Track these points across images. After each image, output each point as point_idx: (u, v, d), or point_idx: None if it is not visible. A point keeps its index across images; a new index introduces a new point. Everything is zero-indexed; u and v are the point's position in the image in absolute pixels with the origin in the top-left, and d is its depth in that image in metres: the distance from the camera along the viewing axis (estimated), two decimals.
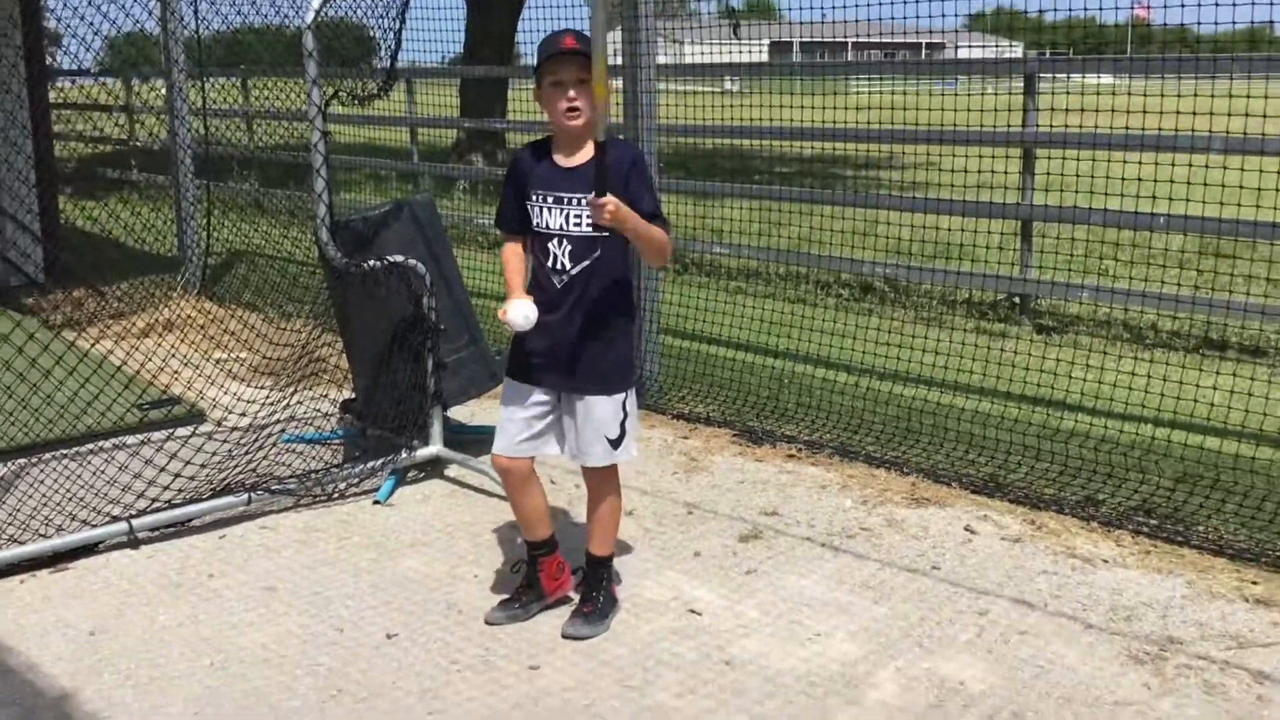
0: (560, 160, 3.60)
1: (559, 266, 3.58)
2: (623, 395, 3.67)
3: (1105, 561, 4.19)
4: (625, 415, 3.67)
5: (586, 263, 3.56)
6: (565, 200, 3.55)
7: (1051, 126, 7.44)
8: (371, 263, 5.06)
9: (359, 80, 5.29)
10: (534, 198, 3.60)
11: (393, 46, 5.15)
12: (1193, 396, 5.31)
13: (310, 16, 4.81)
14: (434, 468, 5.26)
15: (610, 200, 3.34)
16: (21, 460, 5.12)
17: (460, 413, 5.73)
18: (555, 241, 3.58)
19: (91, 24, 6.99)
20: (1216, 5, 5.27)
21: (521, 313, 3.51)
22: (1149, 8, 6.03)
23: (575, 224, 3.55)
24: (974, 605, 3.87)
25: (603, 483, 3.75)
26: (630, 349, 3.74)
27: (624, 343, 3.69)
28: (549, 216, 3.57)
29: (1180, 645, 3.59)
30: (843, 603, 3.90)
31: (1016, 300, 7.94)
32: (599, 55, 3.27)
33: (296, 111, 6.21)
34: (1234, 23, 5.42)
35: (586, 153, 3.54)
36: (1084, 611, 3.81)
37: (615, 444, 3.66)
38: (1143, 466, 4.91)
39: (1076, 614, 3.80)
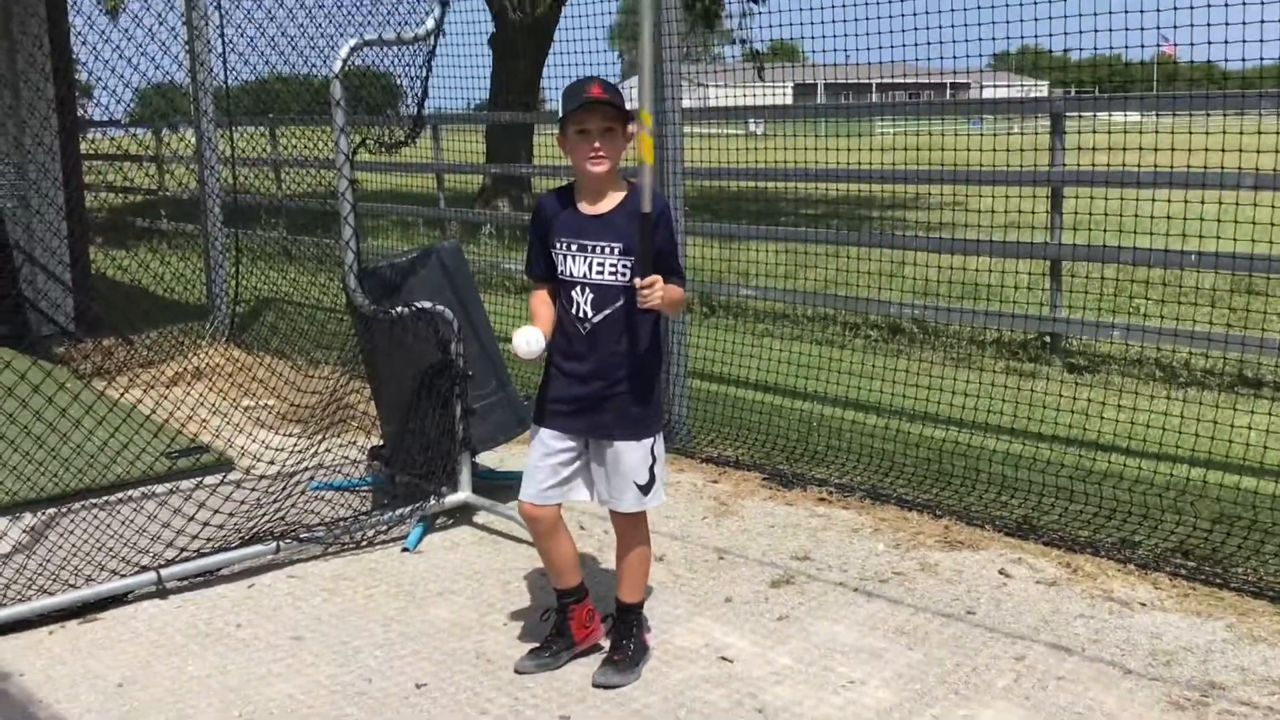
0: (584, 207, 3.60)
1: (582, 314, 3.57)
2: (651, 440, 3.64)
3: (1143, 605, 4.11)
4: (654, 460, 3.64)
5: (609, 311, 3.56)
6: (589, 248, 3.55)
7: (1079, 165, 7.41)
8: (399, 309, 5.06)
9: (386, 128, 5.32)
10: (558, 245, 3.60)
11: (419, 94, 5.18)
12: (1228, 436, 5.24)
13: (338, 66, 4.84)
14: (462, 514, 5.24)
15: (657, 285, 3.37)
16: (51, 510, 5.13)
17: (489, 458, 5.71)
18: (579, 289, 3.57)
19: (122, 76, 7.09)
20: (1244, 42, 5.25)
21: (524, 337, 3.49)
22: (1175, 45, 6.00)
23: (598, 272, 3.55)
24: (1010, 650, 3.81)
25: (632, 529, 3.72)
26: (658, 394, 3.72)
27: (651, 388, 3.67)
28: (573, 264, 3.57)
29: (1222, 691, 3.51)
30: (876, 649, 3.84)
31: (1047, 340, 7.87)
32: (647, 84, 3.31)
33: (324, 159, 6.25)
34: (1261, 59, 5.39)
35: (610, 200, 3.56)
36: (1122, 656, 3.74)
37: (645, 490, 3.63)
38: (1179, 507, 4.84)
39: (1115, 659, 3.73)
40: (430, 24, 5.06)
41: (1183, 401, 5.83)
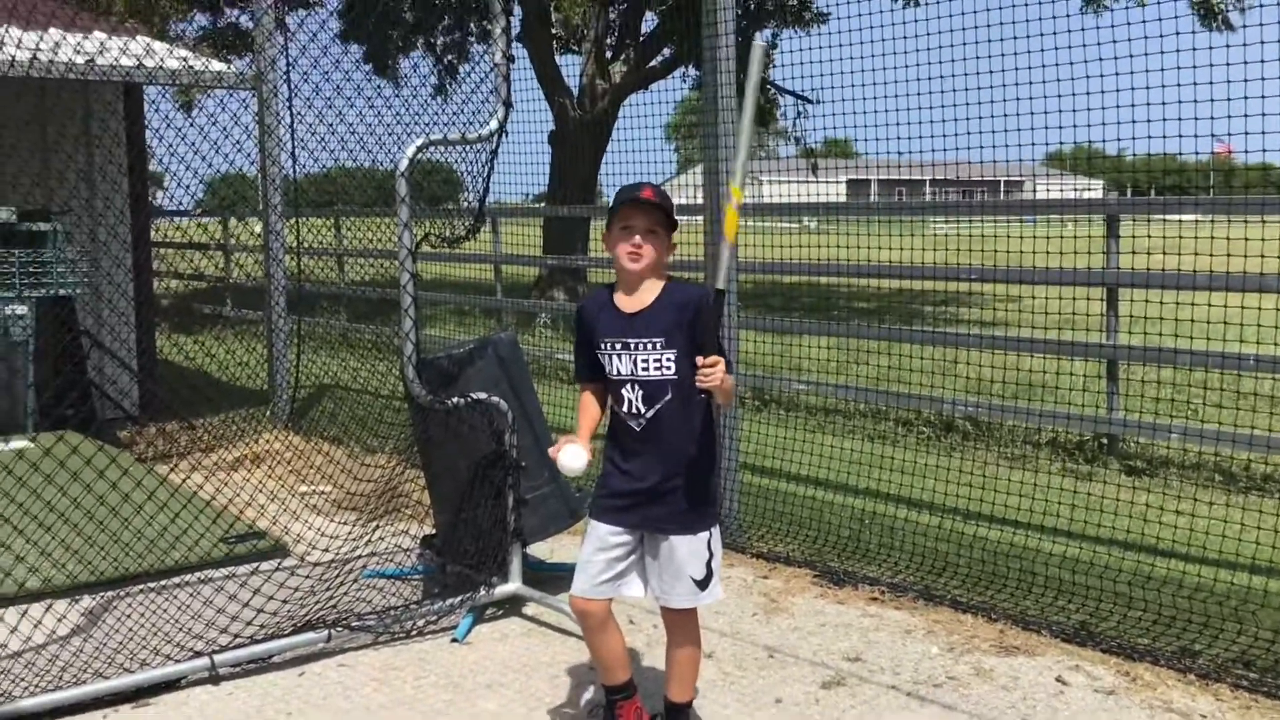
0: (623, 305, 3.65)
1: (634, 410, 3.61)
2: (706, 534, 3.65)
3: (1204, 717, 4.02)
4: (710, 555, 3.64)
5: (660, 405, 3.59)
6: (632, 346, 3.60)
7: (1133, 268, 7.40)
8: (455, 400, 5.13)
9: (448, 222, 5.45)
10: (603, 346, 3.66)
11: (481, 191, 5.31)
12: None
13: (404, 164, 4.98)
14: (512, 605, 5.25)
15: (720, 365, 3.40)
16: (109, 594, 5.20)
17: (540, 549, 5.73)
18: (628, 387, 3.62)
19: (192, 168, 7.32)
20: None
21: (569, 454, 3.55)
22: (1229, 149, 6.02)
23: (644, 369, 3.59)
24: None
25: (683, 625, 3.70)
26: (714, 488, 3.74)
27: (706, 481, 3.68)
28: (619, 363, 3.62)
29: None
30: None
31: (1104, 441, 7.80)
32: (741, 160, 3.46)
33: (385, 250, 6.40)
34: None
35: (648, 295, 3.63)
36: None
37: (701, 585, 3.62)
38: (1240, 616, 4.74)
39: None
40: (494, 124, 5.20)
41: (1242, 509, 5.75)
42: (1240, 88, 5.25)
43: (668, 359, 3.58)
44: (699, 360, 3.43)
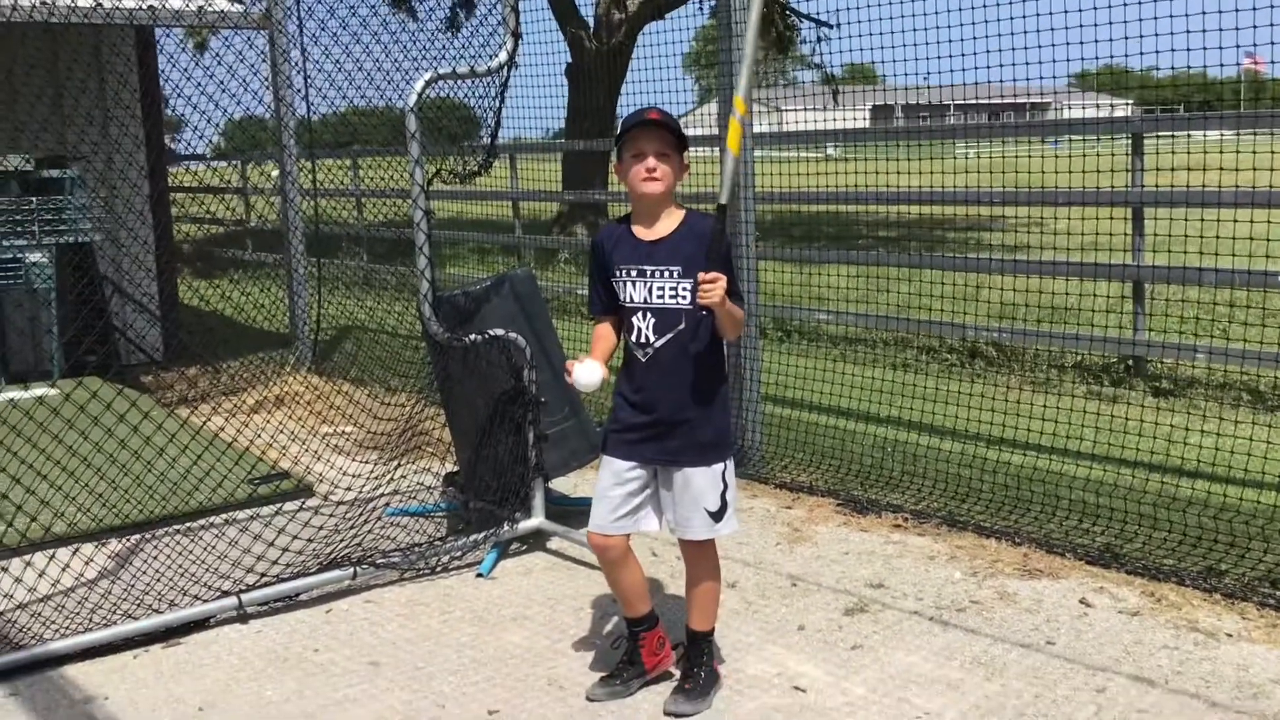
0: (641, 233, 3.62)
1: (644, 340, 3.58)
2: (721, 466, 3.63)
3: (1229, 636, 4.00)
4: (725, 486, 3.63)
5: (670, 335, 3.56)
6: (648, 273, 3.57)
7: (1157, 186, 7.28)
8: (473, 337, 5.12)
9: (460, 158, 5.40)
10: (618, 273, 3.62)
11: (493, 125, 5.25)
12: None
13: (413, 99, 4.93)
14: (536, 540, 5.27)
15: (720, 281, 3.36)
16: (136, 537, 5.25)
17: (562, 484, 5.74)
18: (640, 315, 3.59)
19: (206, 113, 7.28)
20: None
21: (585, 369, 3.52)
22: (1257, 61, 5.87)
23: (659, 297, 3.56)
24: (1091, 682, 3.72)
25: (702, 557, 3.70)
26: (726, 419, 3.71)
27: (718, 413, 3.66)
28: (633, 290, 3.59)
29: None
30: (953, 680, 3.79)
31: (1130, 363, 7.72)
32: (745, 74, 3.40)
33: (402, 190, 6.36)
34: None
35: (667, 224, 3.59)
36: (1208, 689, 3.64)
37: (716, 516, 3.62)
38: (1267, 535, 4.70)
39: (1200, 691, 3.63)
40: (503, 57, 5.13)
41: (1270, 426, 5.69)
42: None
43: (684, 288, 3.54)
44: (699, 275, 3.40)
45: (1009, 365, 8.26)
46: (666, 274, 3.55)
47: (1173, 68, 6.13)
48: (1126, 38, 5.60)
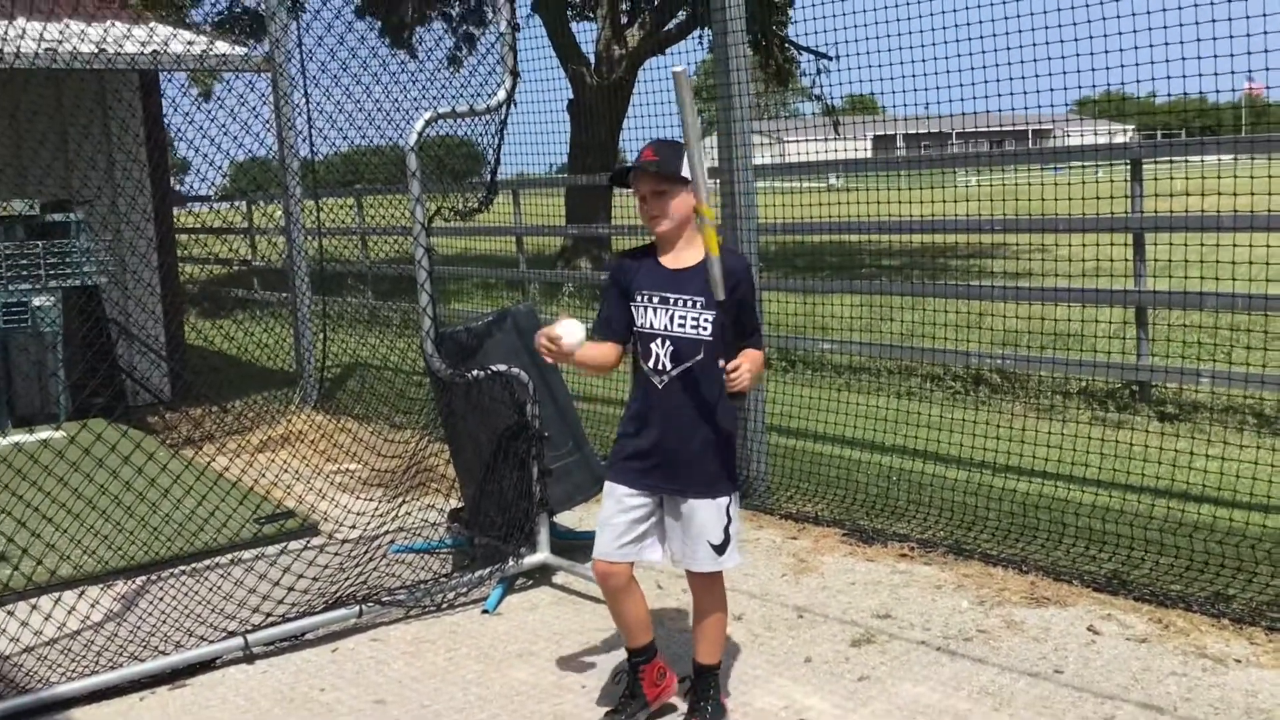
0: (665, 262, 3.64)
1: (660, 367, 3.59)
2: (727, 500, 3.64)
3: (1238, 661, 3.98)
4: (729, 520, 3.63)
5: (687, 364, 3.57)
6: (671, 301, 3.59)
7: (1157, 212, 7.30)
8: (475, 373, 5.13)
9: (461, 196, 5.43)
10: (639, 298, 3.63)
11: (493, 162, 5.29)
12: None
13: (413, 139, 4.96)
14: (541, 575, 5.26)
15: (744, 367, 3.41)
16: (142, 578, 5.25)
17: (567, 518, 5.74)
18: (658, 342, 3.60)
19: (209, 156, 7.33)
20: None
21: (566, 327, 3.52)
22: (1253, 85, 5.90)
23: (680, 325, 3.57)
24: (1100, 711, 3.70)
25: (707, 589, 3.70)
26: (733, 452, 3.71)
27: (727, 445, 3.66)
28: (653, 316, 3.60)
29: None
30: (961, 710, 3.77)
31: (1135, 388, 7.71)
32: (700, 183, 3.40)
33: (404, 227, 6.41)
34: None
35: (691, 255, 3.61)
36: (1216, 715, 3.62)
37: (719, 550, 3.62)
38: (1274, 560, 4.68)
39: (1208, 718, 3.61)
40: (501, 95, 5.17)
41: (1275, 450, 5.68)
42: (1273, 21, 5.14)
43: (705, 319, 3.55)
44: (723, 364, 3.44)
45: (1013, 392, 8.25)
46: (689, 304, 3.57)
47: (1169, 94, 6.13)
48: (1123, 66, 5.62)
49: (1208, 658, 4.03)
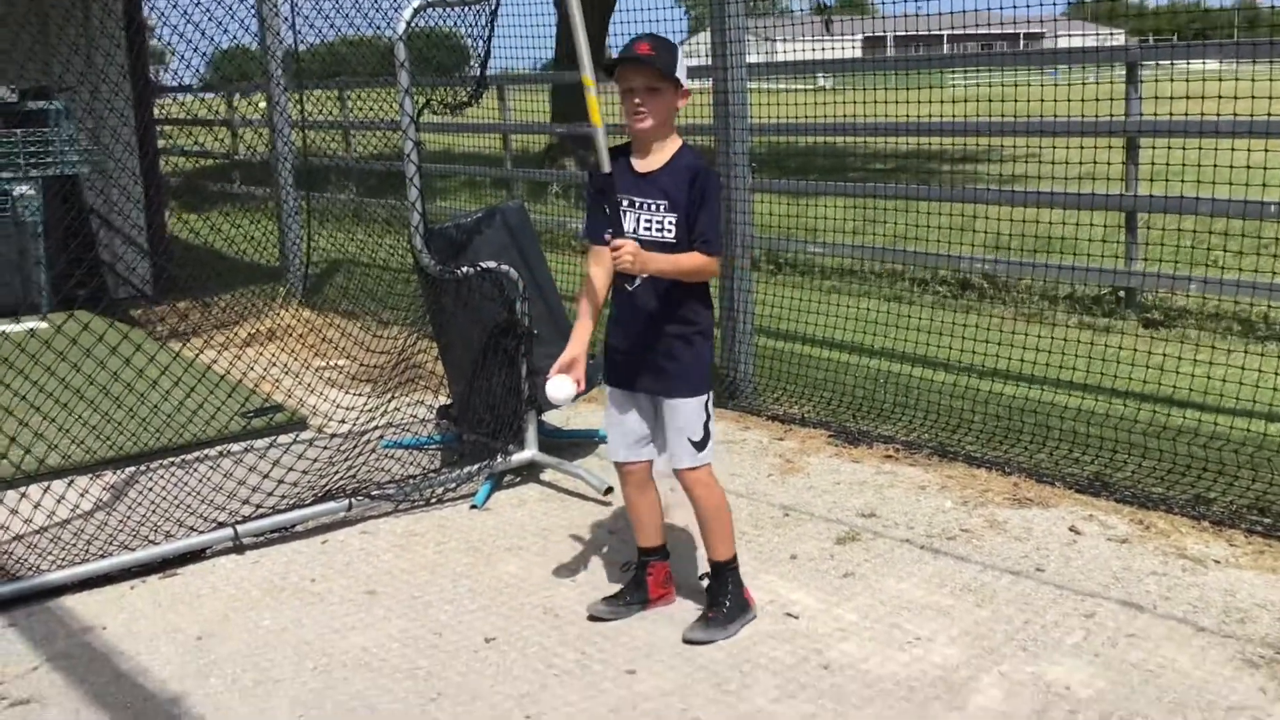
0: (636, 164, 3.60)
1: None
2: (706, 396, 3.66)
3: (1217, 562, 4.05)
4: (707, 416, 3.66)
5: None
6: (638, 205, 3.56)
7: (1156, 115, 7.24)
8: (465, 269, 5.10)
9: (450, 89, 5.34)
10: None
11: (482, 55, 5.19)
12: None
13: (401, 28, 4.86)
14: (529, 472, 5.29)
15: (625, 248, 3.38)
16: (131, 469, 5.26)
17: (555, 417, 5.75)
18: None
19: (192, 42, 7.17)
20: None
21: (555, 385, 3.51)
22: None
23: (645, 229, 3.55)
24: (1080, 608, 3.77)
25: (702, 486, 3.71)
26: (710, 350, 3.72)
27: (703, 343, 3.67)
28: (625, 221, 3.56)
29: None
30: (943, 606, 3.83)
31: (1122, 294, 7.73)
32: (583, 50, 3.46)
33: (392, 121, 6.30)
34: None
35: (661, 157, 3.58)
36: (1195, 614, 3.69)
37: (699, 446, 3.65)
38: (1255, 464, 4.74)
39: (1187, 616, 3.68)
40: None
41: (1261, 355, 5.71)
42: None
43: (669, 222, 3.53)
44: (612, 241, 3.43)
45: (1001, 297, 8.26)
46: (653, 207, 3.54)
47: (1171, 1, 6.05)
48: None
49: (1187, 558, 4.09)
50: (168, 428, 5.57)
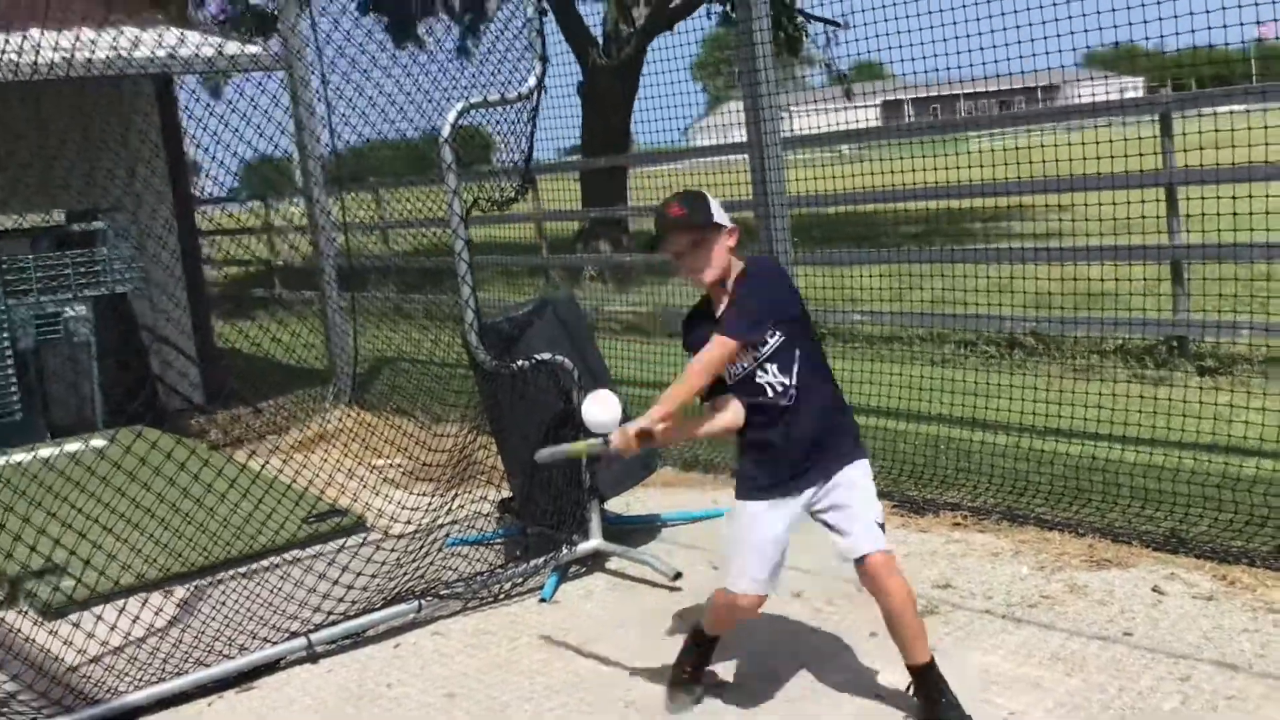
0: (716, 309, 3.58)
1: (781, 388, 3.48)
2: (868, 459, 3.62)
3: None
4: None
5: (796, 364, 3.48)
6: None
7: (1187, 166, 7.24)
8: (520, 362, 5.13)
9: (496, 186, 5.42)
10: None
11: (526, 151, 5.26)
12: None
13: (446, 130, 4.94)
14: (595, 561, 5.27)
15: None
16: (199, 582, 5.28)
17: (616, 504, 5.73)
18: (760, 372, 3.49)
19: (222, 158, 7.31)
20: None
21: (594, 401, 3.64)
22: (1263, 26, 5.81)
23: (762, 348, 3.48)
24: (1174, 671, 3.69)
25: (896, 572, 3.48)
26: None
27: (850, 411, 3.68)
28: (739, 361, 3.50)
29: None
30: (1033, 678, 3.76)
31: (1174, 344, 7.66)
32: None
33: (434, 219, 6.38)
34: None
35: (731, 290, 3.55)
36: None
37: (883, 526, 3.54)
38: None
39: None
40: (532, 82, 5.14)
41: None
42: None
43: (769, 330, 3.47)
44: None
45: (1049, 354, 8.21)
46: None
47: (1178, 48, 6.05)
48: (1130, 23, 5.54)
49: (1277, 612, 4.01)
50: (236, 539, 5.59)
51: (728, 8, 15.51)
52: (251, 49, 8.44)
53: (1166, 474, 5.25)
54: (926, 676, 3.52)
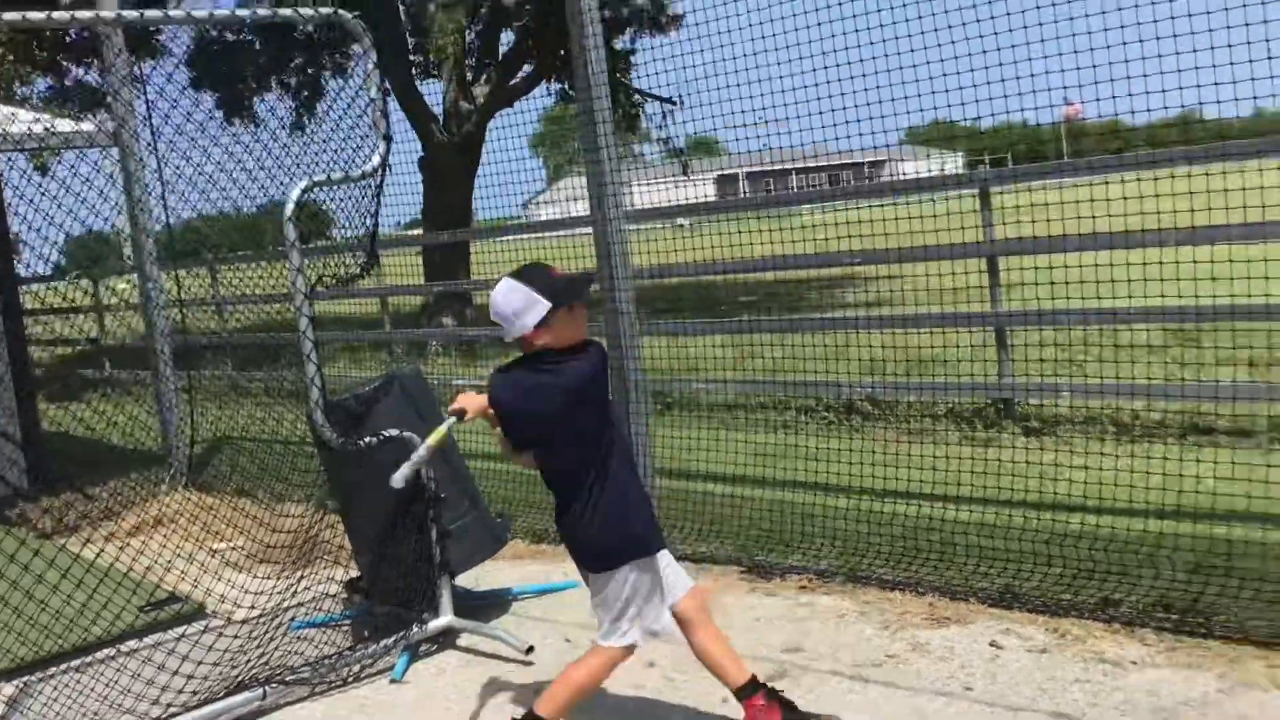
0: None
1: None
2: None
3: (1134, 663, 4.18)
4: None
5: None
6: None
7: (1006, 238, 7.63)
8: (367, 439, 5.08)
9: (341, 262, 5.39)
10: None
11: (371, 227, 5.26)
12: (1193, 486, 5.34)
13: (289, 209, 4.90)
14: (446, 638, 5.21)
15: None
16: (28, 678, 5.02)
17: (467, 579, 5.68)
18: None
19: (57, 227, 7.10)
20: (1147, 93, 5.27)
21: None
22: (1071, 105, 6.19)
23: None
24: None
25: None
26: None
27: None
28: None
29: None
30: None
31: (1000, 406, 8.03)
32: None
33: (273, 295, 6.30)
34: (1165, 107, 5.46)
35: None
36: (1124, 717, 3.79)
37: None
38: (1153, 561, 4.92)
39: None
40: (376, 160, 5.16)
41: (1134, 457, 5.96)
42: (1085, 40, 5.37)
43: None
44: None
45: (884, 418, 8.49)
46: None
47: (993, 116, 6.40)
48: (947, 90, 5.81)
49: (1106, 662, 4.21)
50: (69, 631, 5.34)
51: (566, 85, 15.77)
52: (85, 126, 8.21)
53: (999, 531, 5.48)
54: None
